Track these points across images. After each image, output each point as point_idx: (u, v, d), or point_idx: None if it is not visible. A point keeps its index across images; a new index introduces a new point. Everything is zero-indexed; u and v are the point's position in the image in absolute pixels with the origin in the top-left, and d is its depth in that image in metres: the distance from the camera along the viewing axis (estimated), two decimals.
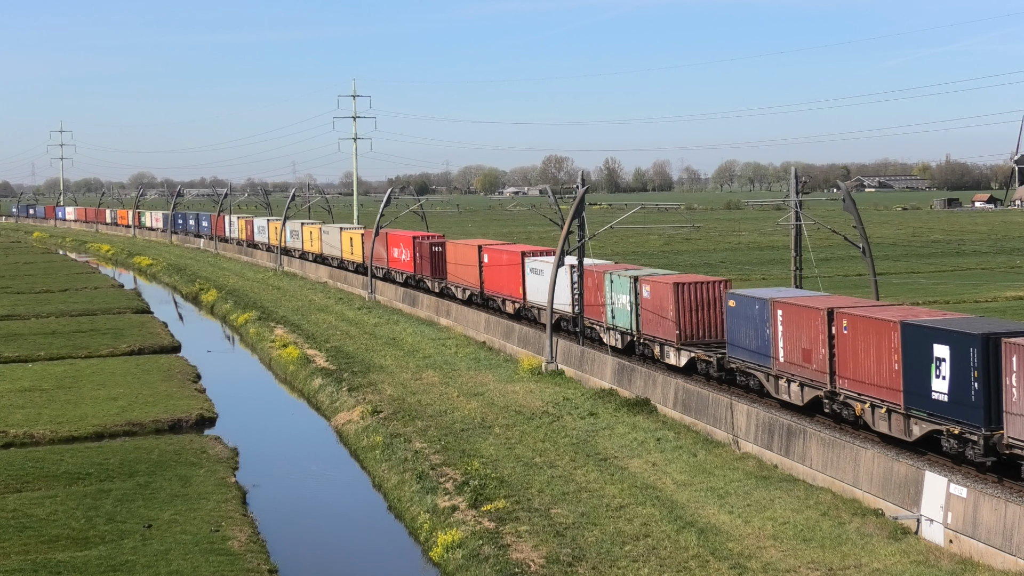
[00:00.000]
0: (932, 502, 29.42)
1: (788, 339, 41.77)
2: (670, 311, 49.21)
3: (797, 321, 41.19)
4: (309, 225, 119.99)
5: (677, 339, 49.07)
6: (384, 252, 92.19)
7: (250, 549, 31.26)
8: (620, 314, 54.23)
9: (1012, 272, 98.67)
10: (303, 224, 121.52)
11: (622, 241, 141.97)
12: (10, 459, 40.95)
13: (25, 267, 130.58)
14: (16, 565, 29.50)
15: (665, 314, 49.67)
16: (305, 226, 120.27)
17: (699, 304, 49.01)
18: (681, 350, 48.97)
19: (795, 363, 41.31)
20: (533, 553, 29.50)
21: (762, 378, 43.68)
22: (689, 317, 48.88)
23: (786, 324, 41.83)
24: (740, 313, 44.91)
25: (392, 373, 56.36)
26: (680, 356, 49.23)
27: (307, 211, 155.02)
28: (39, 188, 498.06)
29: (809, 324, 40.44)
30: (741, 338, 44.81)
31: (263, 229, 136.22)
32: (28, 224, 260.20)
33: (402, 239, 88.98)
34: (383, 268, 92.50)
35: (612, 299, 54.83)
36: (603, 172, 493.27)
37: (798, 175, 52.60)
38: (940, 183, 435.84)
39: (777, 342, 42.37)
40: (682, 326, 48.91)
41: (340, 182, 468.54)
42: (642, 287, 51.94)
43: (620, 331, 54.42)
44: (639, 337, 52.66)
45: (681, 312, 48.84)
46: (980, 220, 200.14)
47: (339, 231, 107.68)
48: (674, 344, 49.28)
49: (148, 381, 56.66)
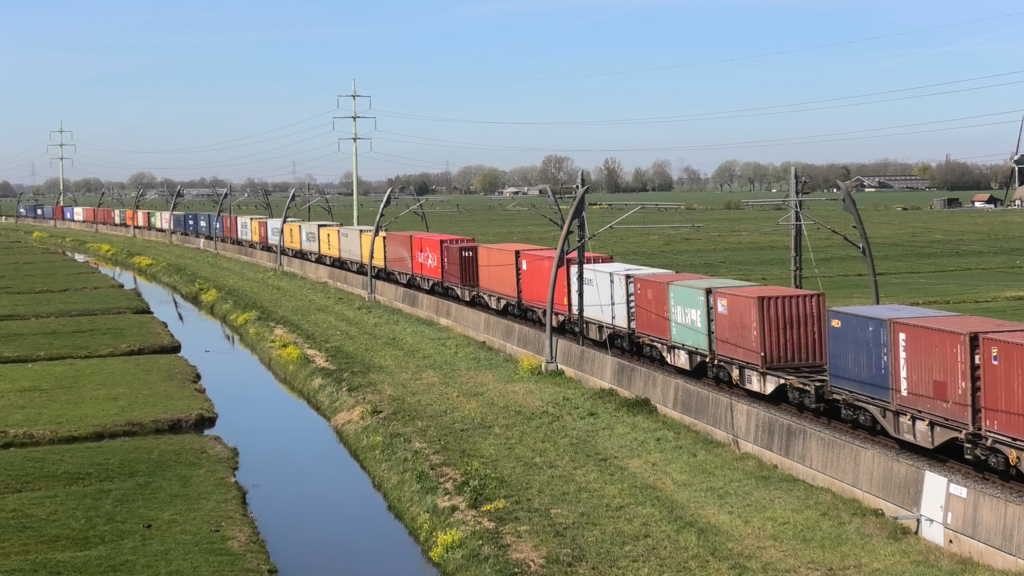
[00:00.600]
0: (932, 502, 29.42)
1: (914, 368, 35.02)
2: (753, 329, 43.08)
3: (927, 347, 34.48)
4: (327, 227, 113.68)
5: (761, 362, 42.79)
6: (408, 256, 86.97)
7: (250, 549, 31.26)
8: (687, 332, 48.07)
9: (1012, 272, 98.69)
10: (320, 226, 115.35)
11: (622, 241, 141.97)
12: (10, 459, 40.95)
13: (25, 267, 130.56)
14: (16, 565, 29.50)
15: (746, 333, 43.58)
16: (323, 228, 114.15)
17: (788, 322, 42.85)
18: (767, 375, 42.76)
19: (923, 397, 34.73)
20: (533, 553, 29.50)
21: (876, 413, 36.98)
22: (776, 337, 42.64)
23: (911, 350, 35.05)
24: (847, 335, 38.12)
25: (392, 373, 56.36)
26: (765, 382, 42.89)
27: (307, 211, 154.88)
28: (39, 188, 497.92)
29: (943, 351, 33.74)
30: (848, 365, 38.10)
31: (277, 231, 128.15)
32: (28, 224, 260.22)
33: (428, 243, 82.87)
34: (407, 274, 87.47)
35: (677, 314, 48.69)
36: (603, 172, 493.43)
37: (798, 175, 52.59)
38: (940, 183, 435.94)
39: (899, 372, 35.62)
40: (768, 347, 42.63)
41: (340, 182, 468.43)
42: (717, 301, 45.85)
43: (688, 351, 48.26)
44: (712, 358, 46.41)
45: (767, 331, 42.64)
46: (980, 220, 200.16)
47: (359, 234, 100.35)
48: (757, 368, 43.08)
49: (148, 381, 56.65)
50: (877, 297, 50.81)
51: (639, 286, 52.31)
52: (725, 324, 45.22)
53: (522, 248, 70.11)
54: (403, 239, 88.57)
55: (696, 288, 47.67)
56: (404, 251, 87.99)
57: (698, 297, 47.12)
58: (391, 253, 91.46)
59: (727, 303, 45.22)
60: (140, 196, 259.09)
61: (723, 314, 45.43)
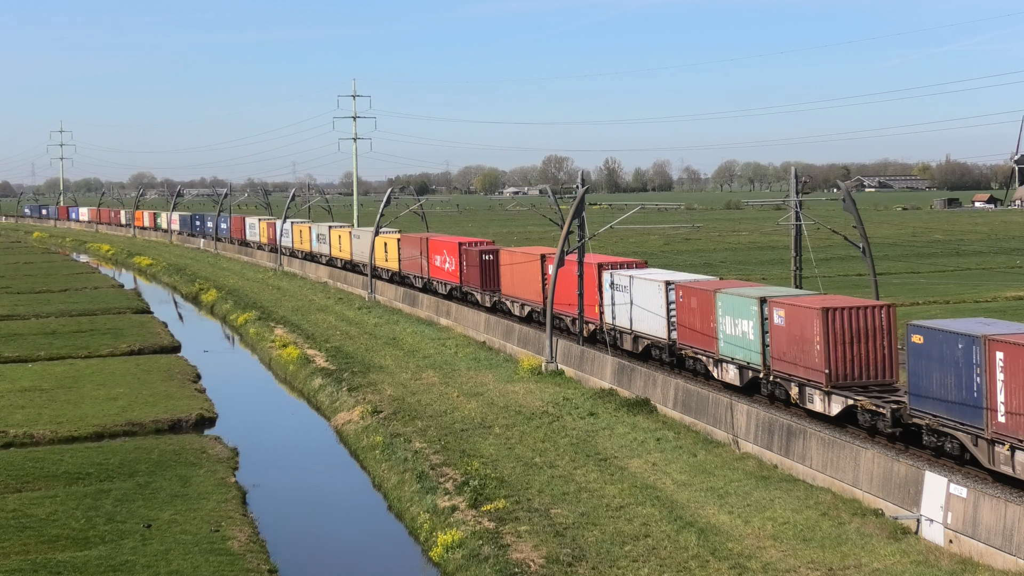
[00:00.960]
0: (932, 502, 29.42)
1: (1014, 392, 31.41)
2: (816, 343, 39.55)
3: None
4: (338, 229, 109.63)
5: (826, 380, 39.11)
6: (424, 260, 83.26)
7: (250, 549, 31.26)
8: (738, 344, 44.60)
9: (1012, 272, 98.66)
10: (331, 227, 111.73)
11: (622, 241, 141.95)
12: (10, 459, 40.95)
13: (25, 267, 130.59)
14: (16, 565, 29.50)
15: (808, 347, 40.05)
16: (334, 230, 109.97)
17: (855, 335, 39.25)
18: (832, 394, 39.11)
19: None
20: (533, 553, 29.51)
21: (966, 441, 33.48)
22: (842, 352, 39.05)
23: (1011, 371, 31.42)
24: (931, 353, 34.41)
25: (392, 373, 56.36)
26: (830, 402, 39.23)
27: (307, 211, 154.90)
28: (39, 188, 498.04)
29: None
30: (932, 386, 34.45)
31: (287, 232, 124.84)
32: (28, 224, 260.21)
33: (446, 245, 78.91)
34: (423, 278, 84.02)
35: (726, 324, 45.30)
36: (603, 172, 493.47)
37: (798, 175, 52.62)
38: (940, 183, 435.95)
39: (995, 395, 32.00)
40: (833, 363, 39.00)
41: (340, 182, 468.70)
42: (772, 311, 42.26)
43: (738, 365, 44.95)
44: (767, 374, 43.02)
45: (832, 345, 39.08)
46: (980, 220, 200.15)
47: (371, 236, 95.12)
48: (821, 386, 39.42)
49: (148, 381, 56.66)
50: (877, 298, 50.79)
51: (681, 294, 48.91)
52: (782, 337, 41.69)
53: (548, 251, 65.43)
54: (418, 241, 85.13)
55: (748, 297, 43.99)
56: (419, 254, 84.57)
57: (751, 307, 43.57)
58: (406, 256, 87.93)
59: (785, 314, 41.53)
60: (140, 196, 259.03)
61: (780, 326, 41.87)
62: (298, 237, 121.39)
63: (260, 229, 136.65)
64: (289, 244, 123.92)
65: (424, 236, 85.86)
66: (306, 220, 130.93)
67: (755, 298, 43.40)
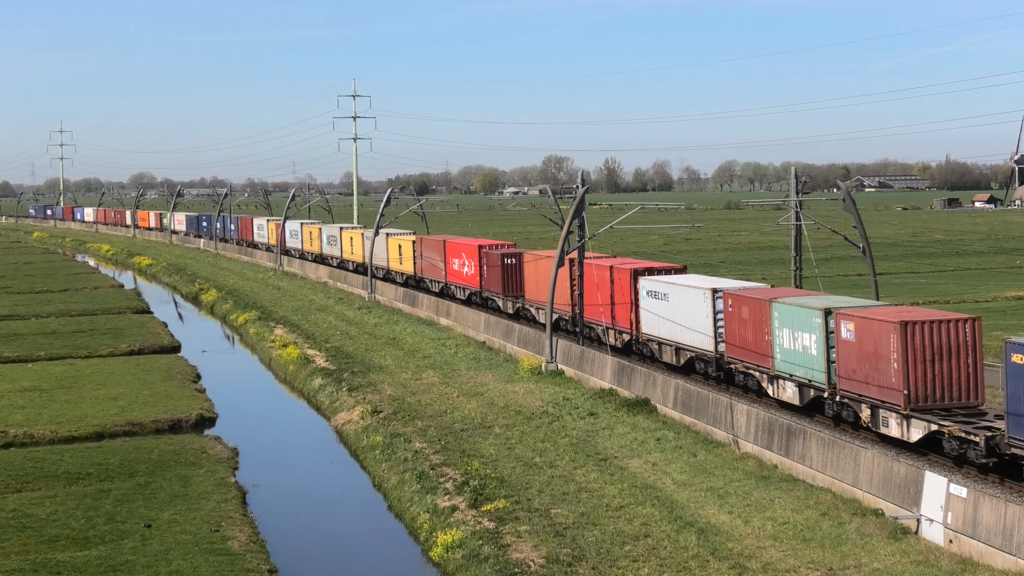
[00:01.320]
0: (932, 502, 29.42)
1: None
2: (893, 361, 35.77)
3: None
4: (350, 230, 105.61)
5: (904, 402, 35.38)
6: (441, 263, 79.29)
7: (250, 549, 31.27)
8: (798, 360, 40.79)
9: (1012, 272, 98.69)
10: (342, 229, 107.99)
11: (622, 241, 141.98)
12: (10, 459, 40.96)
13: (25, 267, 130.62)
14: (16, 565, 29.50)
15: (883, 365, 36.18)
16: (345, 232, 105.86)
17: (938, 352, 35.54)
18: (910, 418, 35.40)
19: None
20: (533, 553, 29.51)
21: None
22: (923, 370, 35.38)
23: None
24: None
25: (392, 373, 56.36)
26: (908, 427, 35.57)
27: (307, 211, 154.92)
28: (39, 188, 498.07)
29: None
30: None
31: (296, 233, 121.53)
32: (28, 224, 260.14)
33: (464, 248, 75.19)
34: (440, 282, 79.92)
35: (784, 337, 41.55)
36: (603, 172, 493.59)
37: (798, 175, 52.63)
38: (940, 183, 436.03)
39: None
40: (912, 383, 35.30)
41: (340, 182, 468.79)
42: (840, 324, 38.30)
43: (798, 382, 41.04)
44: (832, 393, 39.09)
45: (911, 363, 35.36)
46: (980, 220, 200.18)
47: (385, 238, 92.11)
48: (898, 408, 35.64)
49: (148, 381, 56.66)
50: (877, 297, 50.79)
51: (731, 303, 45.09)
52: (851, 353, 37.85)
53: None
54: (436, 244, 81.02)
55: (811, 308, 40.20)
56: (437, 257, 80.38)
57: (813, 319, 39.81)
58: (422, 259, 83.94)
59: (855, 327, 37.58)
60: (140, 196, 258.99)
61: (849, 340, 37.98)
62: (308, 239, 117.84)
63: (269, 230, 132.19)
64: (298, 246, 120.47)
65: (442, 238, 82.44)
66: (316, 221, 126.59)
67: (819, 309, 39.51)
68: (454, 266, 77.29)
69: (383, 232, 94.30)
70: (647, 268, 54.17)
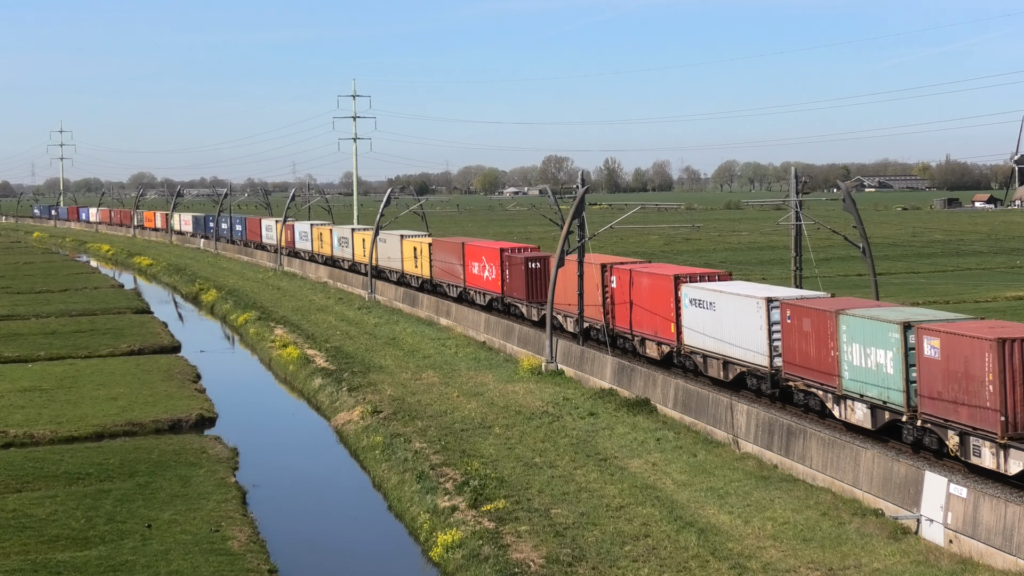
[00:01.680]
0: (932, 502, 29.41)
1: None
2: (988, 383, 31.89)
3: None
4: (361, 232, 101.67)
5: (1001, 429, 31.53)
6: (460, 266, 75.79)
7: (250, 549, 31.26)
8: (870, 379, 36.97)
9: (1012, 272, 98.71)
10: (353, 230, 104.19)
11: (622, 241, 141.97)
12: (10, 459, 40.96)
13: (25, 267, 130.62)
14: (16, 565, 29.50)
15: (976, 387, 32.31)
16: (357, 233, 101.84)
17: None
18: (1009, 448, 31.54)
19: None
20: (533, 553, 29.51)
21: None
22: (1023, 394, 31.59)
23: None
24: None
25: (392, 373, 56.35)
26: (1006, 458, 31.69)
27: (307, 211, 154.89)
28: (39, 188, 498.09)
29: None
30: None
31: (306, 235, 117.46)
32: (28, 224, 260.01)
33: (485, 251, 71.38)
34: (458, 287, 76.60)
35: (853, 353, 37.76)
36: (603, 172, 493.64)
37: (798, 175, 52.61)
38: (940, 183, 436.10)
39: None
40: (1011, 408, 31.42)
41: (340, 182, 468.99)
42: (922, 340, 34.28)
43: (870, 404, 37.20)
44: (914, 417, 35.16)
45: (1010, 385, 31.46)
46: (980, 220, 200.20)
47: (399, 240, 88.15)
48: (994, 437, 31.84)
49: (148, 381, 56.65)
50: (877, 297, 50.79)
51: (789, 314, 41.28)
52: (936, 372, 33.93)
53: (611, 260, 57.47)
54: (453, 246, 77.61)
55: (887, 322, 36.31)
56: (455, 260, 77.01)
57: (890, 334, 35.97)
58: (439, 262, 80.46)
59: (941, 344, 33.69)
60: (140, 196, 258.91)
61: (933, 358, 34.01)
62: (318, 240, 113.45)
63: (278, 231, 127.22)
64: (308, 247, 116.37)
65: (460, 240, 79.06)
66: (326, 222, 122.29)
67: (896, 323, 35.76)
68: (474, 270, 73.69)
69: (397, 234, 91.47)
70: (689, 274, 50.21)
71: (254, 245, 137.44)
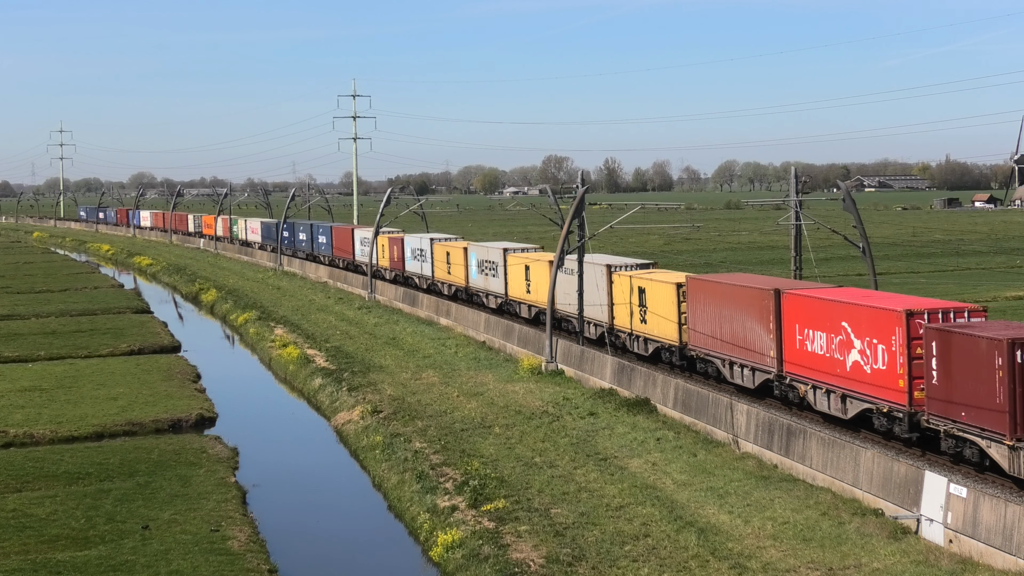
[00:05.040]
0: (932, 502, 29.41)
1: None
2: None
3: None
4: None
5: None
6: (769, 338, 46.19)
7: (250, 549, 31.26)
8: None
9: (1012, 272, 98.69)
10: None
11: (622, 241, 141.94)
12: (10, 459, 40.96)
13: (25, 267, 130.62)
14: (16, 565, 29.51)
15: None
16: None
17: None
18: None
19: None
20: (533, 553, 29.50)
21: None
22: None
23: None
24: None
25: (392, 373, 56.35)
26: None
27: (307, 211, 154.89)
28: (39, 188, 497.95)
29: None
30: None
31: (421, 254, 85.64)
32: (28, 224, 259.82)
33: (855, 312, 43.16)
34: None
35: None
36: (603, 172, 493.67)
37: (798, 175, 52.62)
38: (940, 183, 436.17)
39: None
40: None
41: (340, 182, 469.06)
42: None
43: None
44: None
45: None
46: (980, 220, 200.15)
47: (607, 271, 56.42)
48: None
49: (148, 381, 56.65)
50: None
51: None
52: None
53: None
54: (750, 298, 53.93)
55: None
56: (750, 319, 50.74)
57: None
58: (703, 317, 49.75)
59: None
60: (140, 196, 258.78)
61: None
62: (442, 261, 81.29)
63: (379, 247, 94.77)
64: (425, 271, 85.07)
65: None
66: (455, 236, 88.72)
67: None
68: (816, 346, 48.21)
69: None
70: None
71: (343, 264, 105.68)
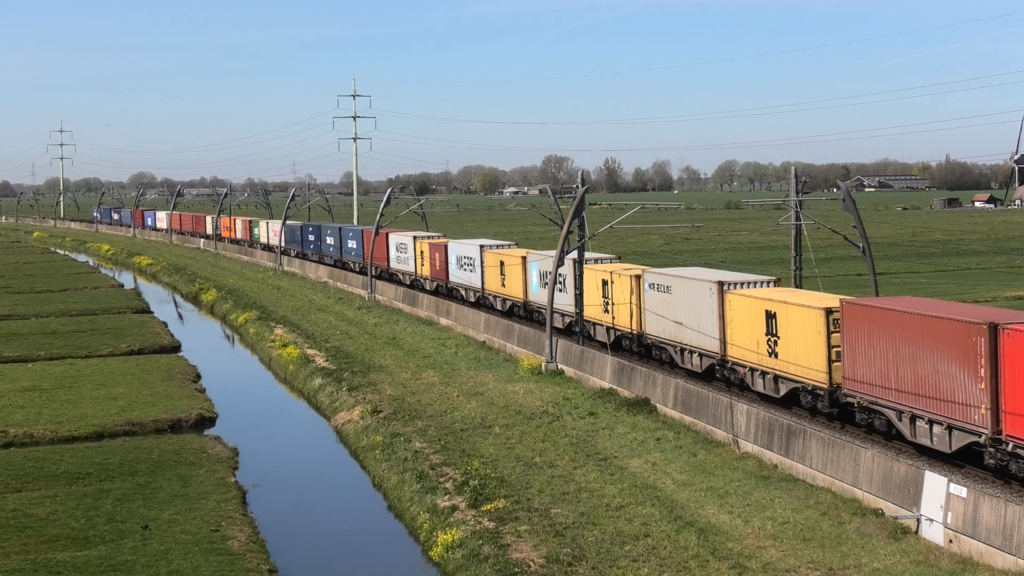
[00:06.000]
0: (932, 502, 29.41)
1: None
2: None
3: None
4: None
5: None
6: None
7: (250, 549, 31.26)
8: None
9: (1012, 272, 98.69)
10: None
11: (622, 241, 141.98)
12: (10, 459, 40.95)
13: (25, 267, 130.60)
14: (16, 565, 29.50)
15: None
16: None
17: None
18: None
19: None
20: (533, 553, 29.50)
21: None
22: None
23: None
24: None
25: (392, 373, 56.34)
26: None
27: (307, 211, 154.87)
28: (39, 188, 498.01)
29: None
30: None
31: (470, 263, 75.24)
32: (29, 225, 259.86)
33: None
34: None
35: None
36: (603, 172, 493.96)
37: (798, 175, 52.60)
38: (940, 183, 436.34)
39: None
40: None
41: (340, 182, 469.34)
42: None
43: None
44: None
45: None
46: (980, 220, 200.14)
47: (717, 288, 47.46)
48: None
49: (148, 381, 56.64)
50: (877, 295, 50.75)
51: None
52: None
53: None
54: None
55: None
56: None
57: None
58: None
59: None
60: (140, 196, 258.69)
61: None
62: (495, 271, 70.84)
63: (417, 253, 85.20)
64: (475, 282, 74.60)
65: None
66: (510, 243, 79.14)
67: None
68: None
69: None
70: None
71: (380, 272, 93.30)
